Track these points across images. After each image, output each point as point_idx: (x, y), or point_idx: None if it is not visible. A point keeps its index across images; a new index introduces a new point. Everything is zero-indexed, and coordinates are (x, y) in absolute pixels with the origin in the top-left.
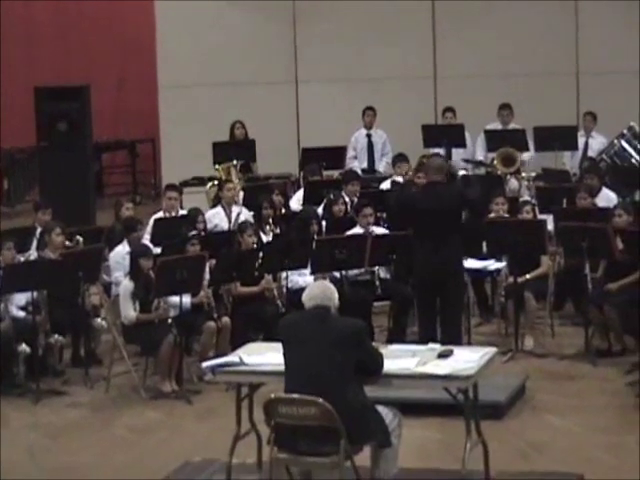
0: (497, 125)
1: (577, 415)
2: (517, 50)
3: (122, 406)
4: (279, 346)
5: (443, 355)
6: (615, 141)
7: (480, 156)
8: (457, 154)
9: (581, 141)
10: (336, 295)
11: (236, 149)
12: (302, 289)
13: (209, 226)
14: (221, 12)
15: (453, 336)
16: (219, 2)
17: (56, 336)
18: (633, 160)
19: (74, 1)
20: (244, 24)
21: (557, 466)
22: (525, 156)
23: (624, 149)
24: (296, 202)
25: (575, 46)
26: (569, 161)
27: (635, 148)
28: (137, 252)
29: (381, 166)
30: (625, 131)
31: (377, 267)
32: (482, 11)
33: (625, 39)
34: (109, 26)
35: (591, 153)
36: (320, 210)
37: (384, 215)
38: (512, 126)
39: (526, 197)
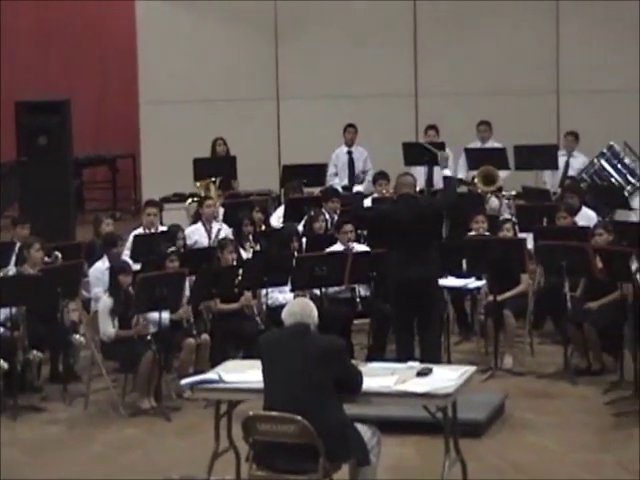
0: (476, 142)
1: (556, 433)
2: (499, 68)
3: (101, 423)
4: (258, 363)
5: (422, 373)
6: (595, 160)
7: (462, 174)
8: (438, 172)
9: (562, 160)
10: (316, 312)
11: (217, 166)
12: (282, 306)
13: (189, 242)
14: (203, 28)
15: (432, 354)
16: (201, 18)
17: (34, 352)
18: (613, 179)
19: (55, 15)
20: (226, 40)
21: None
22: (502, 174)
23: (604, 168)
24: (276, 219)
25: (556, 65)
26: (550, 180)
27: (615, 167)
28: (116, 268)
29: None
30: (605, 150)
31: (357, 284)
32: (464, 29)
33: (605, 58)
34: (90, 41)
35: (572, 172)
36: (300, 227)
37: (364, 232)
38: (491, 143)
39: (506, 215)
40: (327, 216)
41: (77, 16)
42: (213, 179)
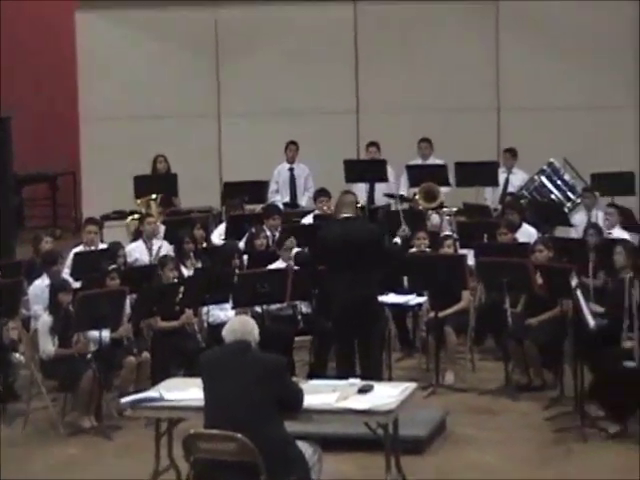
0: (417, 159)
1: (497, 449)
2: (440, 85)
3: (40, 442)
4: (199, 381)
5: (363, 390)
6: (535, 177)
7: (404, 191)
8: (380, 189)
9: (502, 177)
10: (256, 330)
11: (158, 183)
12: (223, 324)
13: (129, 260)
14: (144, 45)
15: (373, 371)
16: (142, 35)
17: None
18: (553, 196)
19: None
20: (167, 57)
21: None
22: (443, 190)
23: (544, 185)
24: (218, 236)
25: (496, 82)
26: (490, 196)
27: (555, 184)
28: (56, 286)
29: (303, 200)
30: (545, 167)
31: (299, 301)
32: (405, 46)
33: (546, 75)
34: (31, 58)
35: (512, 189)
36: (242, 244)
37: (306, 249)
38: (432, 160)
39: (447, 232)
40: (268, 233)
41: (18, 32)
42: (154, 196)
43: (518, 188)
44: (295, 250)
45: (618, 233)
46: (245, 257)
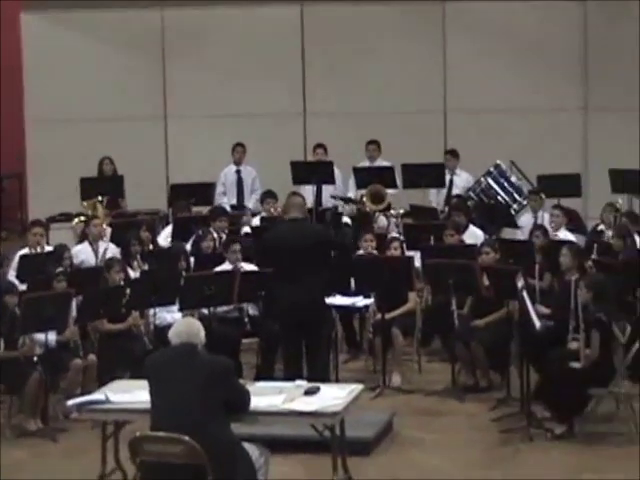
0: (365, 161)
1: (443, 451)
2: (386, 87)
3: None
4: (146, 384)
5: (310, 392)
6: (482, 179)
7: (351, 194)
8: (327, 191)
9: (446, 179)
10: (202, 332)
11: (104, 185)
12: (170, 326)
13: (75, 262)
14: (90, 46)
15: (321, 373)
16: (88, 36)
17: None
18: (499, 198)
19: None
20: (113, 59)
21: None
22: (390, 193)
23: (491, 187)
24: (164, 238)
25: (443, 84)
26: (435, 198)
27: (502, 186)
28: (2, 288)
29: (250, 202)
30: (492, 169)
31: (246, 304)
32: (352, 48)
33: (492, 78)
34: None
35: (456, 190)
36: (188, 246)
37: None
38: (379, 162)
39: (394, 234)
40: (215, 235)
41: None
42: (100, 198)
43: (462, 189)
44: None
45: (564, 235)
46: (192, 259)
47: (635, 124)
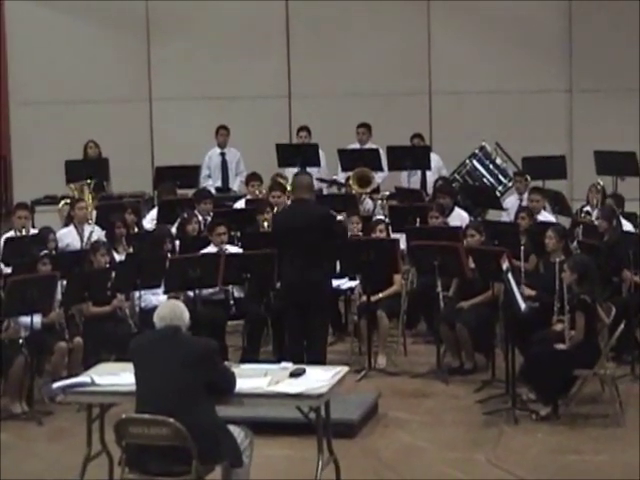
0: (355, 144)
1: (428, 432)
2: (372, 70)
3: None
4: (131, 366)
5: (295, 374)
6: (467, 161)
7: (340, 176)
8: (312, 173)
9: None
10: (187, 314)
11: (89, 168)
12: (155, 308)
13: (61, 245)
14: (74, 28)
15: (318, 356)
16: (72, 18)
17: None
18: (485, 180)
19: None
20: (98, 41)
21: None
22: (379, 176)
23: (476, 169)
24: (149, 221)
25: (427, 66)
26: (405, 180)
27: (487, 168)
28: None
29: (235, 185)
30: (477, 151)
31: (231, 286)
32: (337, 31)
33: (477, 60)
34: None
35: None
36: (174, 229)
37: (238, 234)
38: (369, 145)
39: (379, 216)
40: (200, 218)
41: None
42: (88, 181)
43: (435, 169)
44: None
45: (544, 217)
46: (177, 242)
47: (620, 106)
